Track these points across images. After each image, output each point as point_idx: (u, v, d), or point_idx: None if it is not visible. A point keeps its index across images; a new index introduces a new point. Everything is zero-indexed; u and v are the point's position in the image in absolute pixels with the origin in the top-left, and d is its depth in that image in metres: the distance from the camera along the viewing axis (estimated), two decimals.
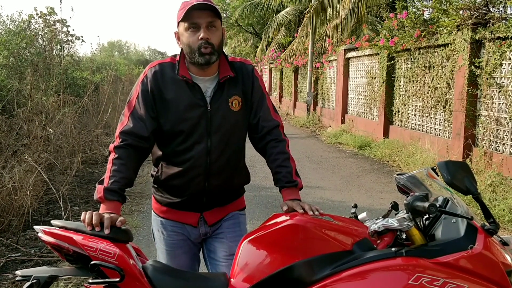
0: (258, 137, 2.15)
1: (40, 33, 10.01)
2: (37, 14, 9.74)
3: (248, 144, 2.27)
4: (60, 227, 1.71)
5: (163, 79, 1.99)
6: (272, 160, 2.10)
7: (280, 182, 2.07)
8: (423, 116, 9.09)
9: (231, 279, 1.75)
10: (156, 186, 2.15)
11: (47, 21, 9.87)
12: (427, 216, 1.82)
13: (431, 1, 8.57)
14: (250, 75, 2.10)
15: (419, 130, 9.26)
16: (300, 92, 18.55)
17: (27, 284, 1.57)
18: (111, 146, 1.95)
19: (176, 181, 2.04)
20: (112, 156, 1.92)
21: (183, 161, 2.01)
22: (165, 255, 2.15)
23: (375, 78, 11.21)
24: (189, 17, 1.89)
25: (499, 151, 6.70)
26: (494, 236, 1.76)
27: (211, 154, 2.00)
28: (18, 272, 1.64)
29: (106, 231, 1.69)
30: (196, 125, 1.98)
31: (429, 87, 8.70)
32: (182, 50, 2.02)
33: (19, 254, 4.24)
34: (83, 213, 1.73)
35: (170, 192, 2.09)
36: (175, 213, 2.12)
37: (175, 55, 2.05)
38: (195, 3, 1.88)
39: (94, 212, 1.73)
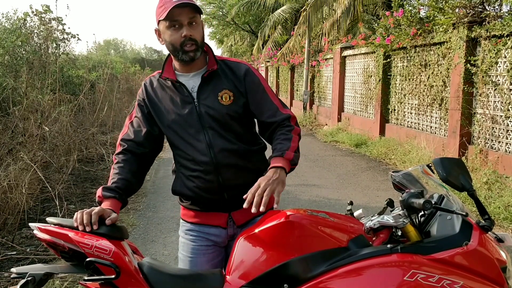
0: (269, 132, 2.08)
1: (35, 31, 9.97)
2: (32, 12, 9.70)
3: None
4: (55, 224, 1.71)
5: (152, 88, 2.08)
6: (273, 140, 2.03)
7: (272, 153, 1.96)
8: (419, 114, 9.11)
9: (227, 276, 1.75)
10: (179, 196, 2.16)
11: (43, 19, 9.84)
12: (422, 213, 1.83)
13: None
14: (243, 76, 2.05)
15: (415, 128, 9.28)
16: (297, 90, 18.55)
17: (22, 281, 1.56)
18: (114, 155, 2.07)
19: (192, 183, 2.03)
20: (114, 162, 2.04)
21: (190, 160, 2.02)
22: (188, 264, 2.09)
23: (371, 76, 11.22)
24: (171, 15, 1.89)
25: (495, 149, 6.72)
26: (489, 232, 1.77)
27: (214, 148, 1.98)
28: (13, 270, 1.63)
29: (94, 227, 1.69)
30: (189, 121, 2.00)
31: (425, 85, 8.72)
32: (168, 54, 2.06)
33: (14, 253, 4.23)
34: (75, 213, 1.73)
35: (191, 196, 2.07)
36: (203, 216, 2.09)
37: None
38: (176, 2, 1.87)
39: (85, 211, 1.73)
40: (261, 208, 1.74)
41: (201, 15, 2.00)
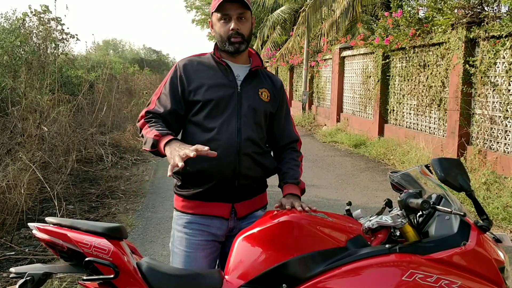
0: (279, 146, 2.29)
1: (34, 31, 9.97)
2: (31, 12, 9.70)
3: None
4: (54, 224, 1.71)
5: (193, 66, 2.14)
6: (284, 162, 2.24)
7: (286, 179, 2.17)
8: (417, 114, 9.12)
9: (226, 276, 1.75)
10: (182, 182, 2.12)
11: (42, 19, 9.84)
12: (420, 213, 1.83)
13: (425, 0, 8.59)
14: (280, 87, 2.28)
15: (413, 128, 9.29)
16: (296, 91, 18.57)
17: (21, 281, 1.56)
18: (141, 121, 2.07)
19: (208, 164, 2.02)
20: (144, 122, 2.05)
21: (214, 139, 2.03)
22: (184, 259, 2.07)
23: (370, 77, 11.23)
24: (222, 8, 2.04)
25: (493, 149, 6.73)
26: (488, 233, 1.77)
27: (241, 135, 2.05)
28: (12, 270, 1.64)
29: (193, 154, 1.72)
30: (226, 103, 2.07)
31: (424, 85, 8.73)
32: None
33: (13, 253, 4.22)
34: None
35: (201, 180, 2.05)
36: (205, 206, 2.08)
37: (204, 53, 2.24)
38: None
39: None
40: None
41: (252, 12, 2.13)
